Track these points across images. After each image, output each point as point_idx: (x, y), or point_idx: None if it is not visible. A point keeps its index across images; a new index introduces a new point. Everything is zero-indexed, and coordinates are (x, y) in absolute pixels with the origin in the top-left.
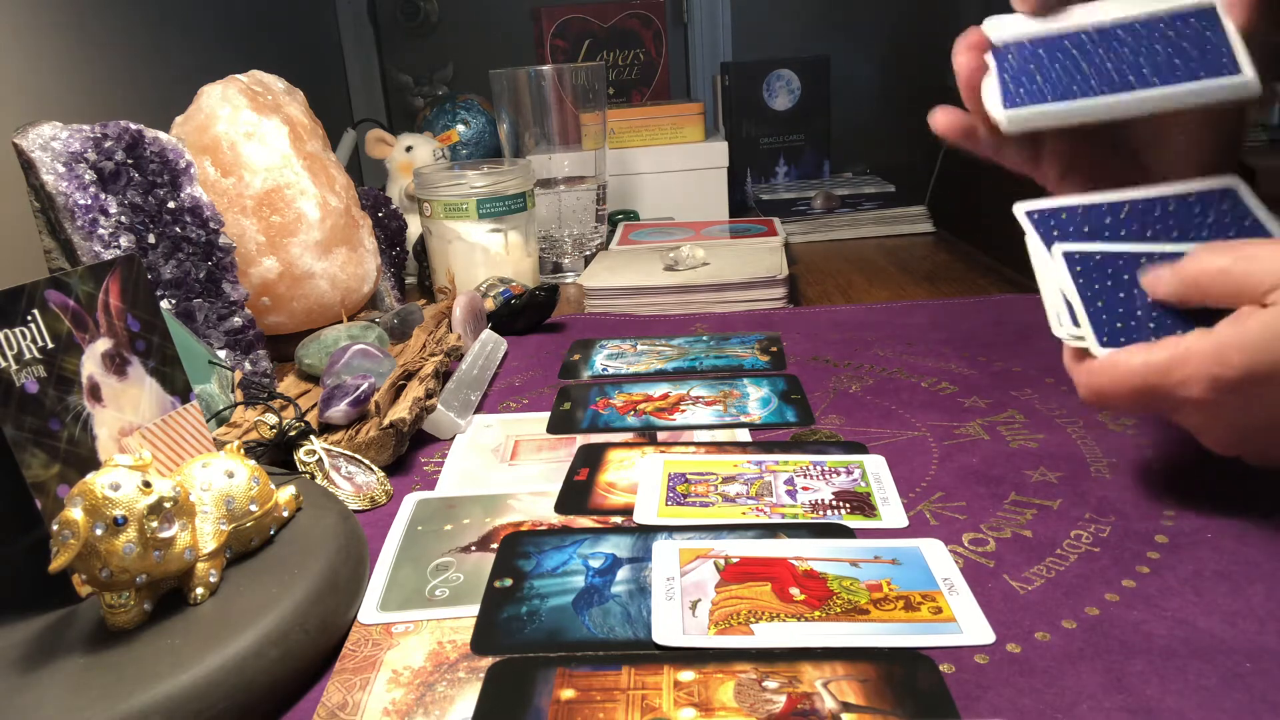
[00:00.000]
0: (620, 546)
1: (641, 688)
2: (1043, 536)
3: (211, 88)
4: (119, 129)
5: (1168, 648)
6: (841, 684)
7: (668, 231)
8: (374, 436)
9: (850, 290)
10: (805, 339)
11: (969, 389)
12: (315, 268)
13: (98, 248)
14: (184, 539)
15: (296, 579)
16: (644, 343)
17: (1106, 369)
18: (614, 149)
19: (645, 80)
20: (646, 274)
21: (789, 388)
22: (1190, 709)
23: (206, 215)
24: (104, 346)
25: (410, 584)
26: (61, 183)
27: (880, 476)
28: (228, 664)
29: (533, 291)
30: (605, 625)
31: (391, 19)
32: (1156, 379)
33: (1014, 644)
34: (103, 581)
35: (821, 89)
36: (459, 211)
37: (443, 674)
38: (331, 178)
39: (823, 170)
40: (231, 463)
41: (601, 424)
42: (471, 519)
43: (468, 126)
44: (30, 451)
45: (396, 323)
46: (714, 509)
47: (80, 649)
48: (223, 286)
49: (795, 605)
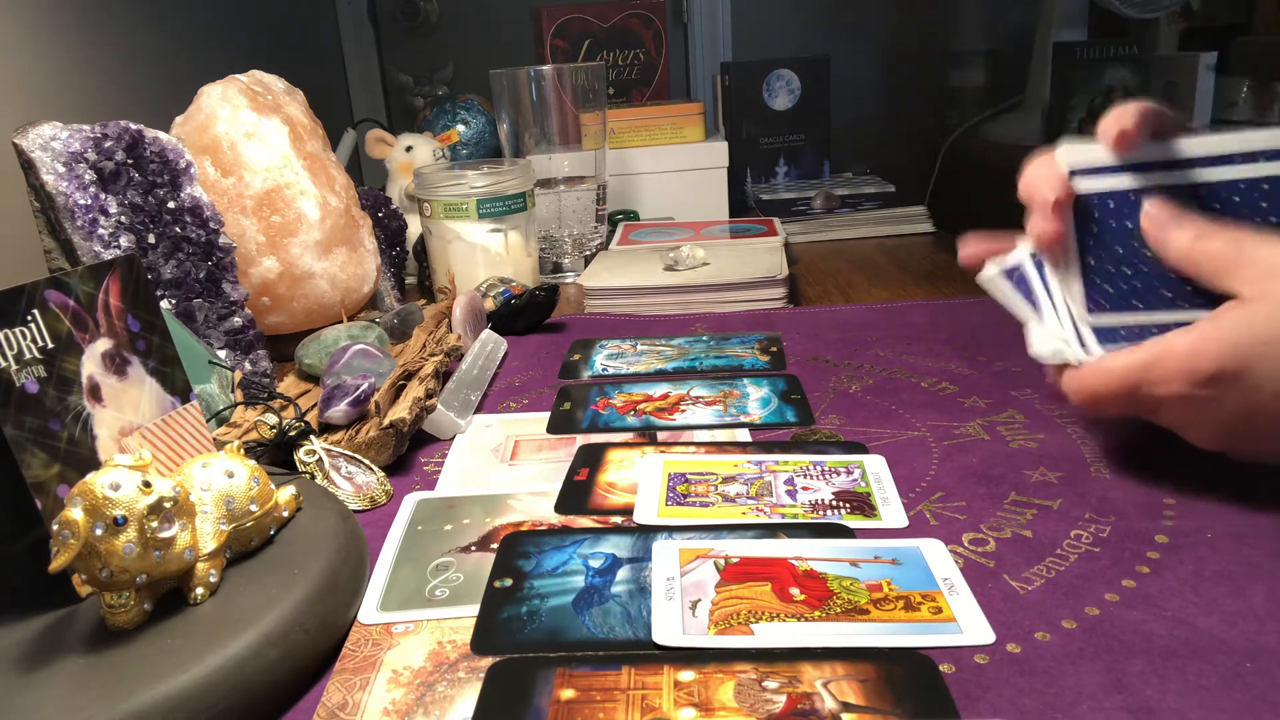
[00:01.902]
0: (620, 546)
1: (641, 688)
2: (1043, 536)
3: (211, 88)
4: (119, 129)
5: (1168, 648)
6: (841, 684)
7: (668, 231)
8: (374, 436)
9: (850, 290)
10: (805, 339)
11: (969, 389)
12: (315, 268)
13: (98, 248)
14: (184, 539)
15: (296, 579)
16: (644, 343)
17: (1095, 371)
18: (614, 149)
19: (645, 80)
20: (646, 274)
21: (789, 388)
22: (1190, 709)
23: (206, 215)
24: (104, 346)
25: (410, 584)
26: (61, 183)
27: (880, 476)
28: (228, 664)
29: (533, 291)
30: (605, 625)
31: (391, 19)
32: (1138, 376)
33: (1014, 644)
34: (103, 581)
35: (821, 89)
36: (459, 211)
37: (443, 674)
38: (331, 178)
39: (823, 170)
40: (231, 463)
41: (601, 424)
42: (471, 519)
43: (468, 126)
44: (30, 451)
45: (396, 323)
46: (714, 509)
47: (80, 649)
48: (223, 286)
49: (795, 605)
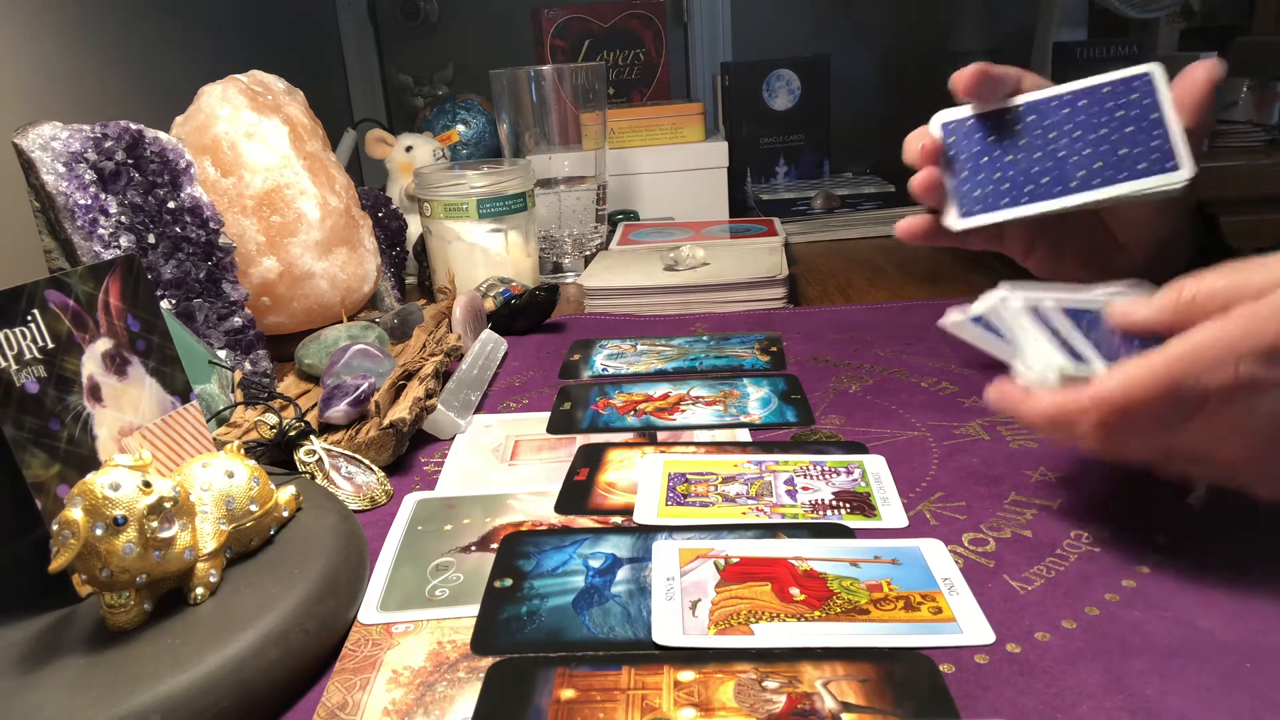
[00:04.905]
0: (620, 546)
1: (641, 688)
2: (1043, 536)
3: (211, 88)
4: (119, 129)
5: (1168, 648)
6: (841, 684)
7: (668, 231)
8: (374, 436)
9: (850, 290)
10: (805, 339)
11: (969, 389)
12: (315, 268)
13: (98, 248)
14: (184, 539)
15: (296, 579)
16: (644, 343)
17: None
18: (614, 149)
19: (645, 80)
20: (646, 274)
21: (789, 388)
22: (1190, 709)
23: (206, 215)
24: (104, 346)
25: (410, 584)
26: (61, 183)
27: (880, 476)
28: (228, 664)
29: (533, 291)
30: (605, 625)
31: (391, 19)
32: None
33: (1014, 644)
34: (103, 581)
35: (821, 89)
36: (459, 211)
37: (443, 674)
38: (331, 178)
39: (823, 170)
40: (231, 463)
41: (601, 424)
42: (471, 519)
43: (468, 126)
44: (30, 451)
45: (396, 323)
46: (714, 509)
47: (80, 649)
48: (223, 286)
49: (795, 605)
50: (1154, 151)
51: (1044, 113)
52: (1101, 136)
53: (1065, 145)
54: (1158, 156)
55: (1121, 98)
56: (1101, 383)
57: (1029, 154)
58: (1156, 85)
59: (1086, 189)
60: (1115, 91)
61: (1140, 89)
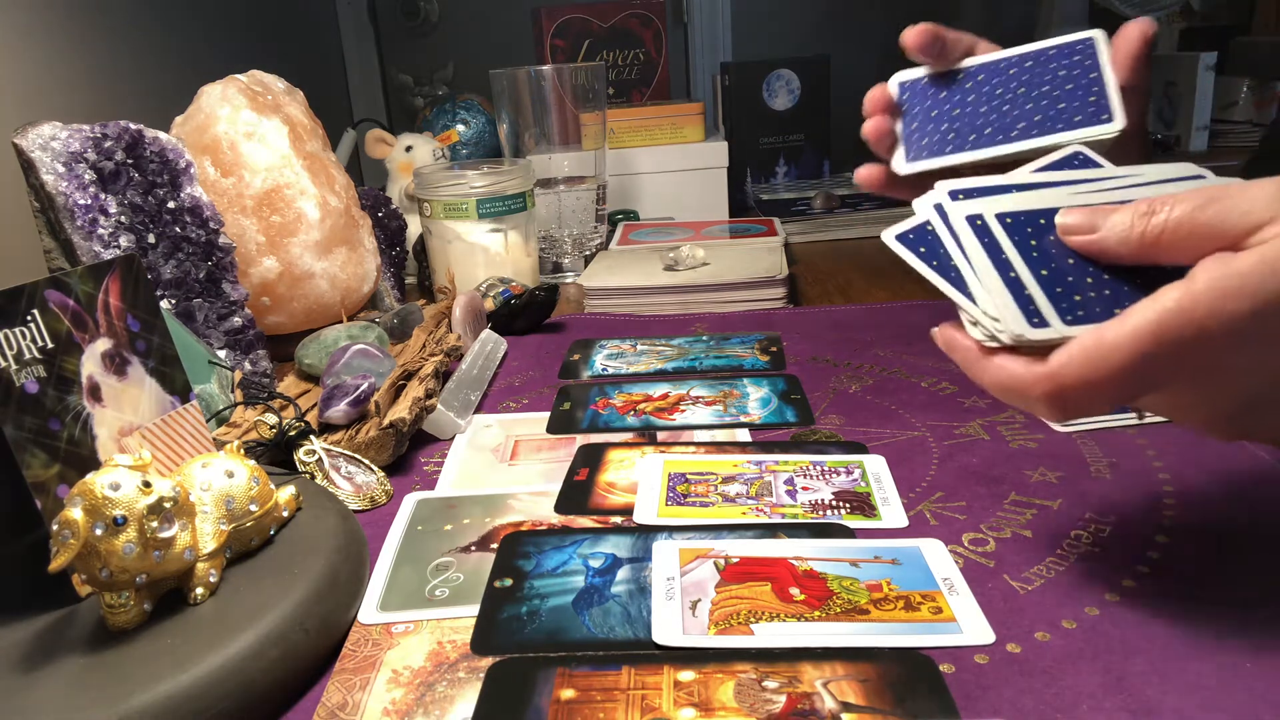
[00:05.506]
0: (620, 546)
1: (641, 688)
2: (1043, 536)
3: (211, 88)
4: (119, 129)
5: (1168, 648)
6: (841, 684)
7: (668, 231)
8: (374, 436)
9: (850, 290)
10: (805, 339)
11: (969, 389)
12: (315, 268)
13: (98, 248)
14: (184, 539)
15: (296, 579)
16: (644, 343)
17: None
18: (614, 149)
19: (645, 80)
20: (646, 274)
21: (789, 388)
22: (1190, 709)
23: (206, 215)
24: (104, 346)
25: (410, 584)
26: (61, 183)
27: (880, 476)
28: (228, 664)
29: (533, 291)
30: (605, 625)
31: (392, 19)
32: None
33: (1014, 644)
34: (103, 581)
35: (821, 89)
36: (459, 211)
37: (443, 674)
38: (331, 178)
39: (823, 170)
40: (231, 463)
41: (601, 424)
42: (471, 519)
43: (468, 126)
44: (30, 451)
45: (396, 323)
46: (714, 509)
47: (80, 649)
48: (223, 286)
49: (795, 605)
50: (1090, 106)
51: (992, 72)
52: (1043, 93)
53: (1010, 100)
54: (1093, 110)
55: (1065, 59)
56: (1060, 363)
57: (975, 107)
58: (1098, 48)
59: (1025, 137)
60: (1060, 54)
61: (1083, 51)
